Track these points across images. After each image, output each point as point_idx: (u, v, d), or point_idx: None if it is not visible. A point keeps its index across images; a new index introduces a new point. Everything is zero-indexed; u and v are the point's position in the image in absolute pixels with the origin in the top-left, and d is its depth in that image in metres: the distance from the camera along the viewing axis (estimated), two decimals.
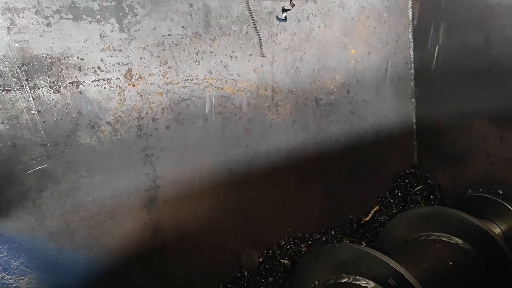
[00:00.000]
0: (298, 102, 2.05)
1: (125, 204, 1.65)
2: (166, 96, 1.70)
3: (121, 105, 1.60)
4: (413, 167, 2.54)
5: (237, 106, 1.87)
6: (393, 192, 2.44)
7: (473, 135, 2.25)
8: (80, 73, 1.51)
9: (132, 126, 1.63)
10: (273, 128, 1.99)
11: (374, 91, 2.32)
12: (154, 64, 1.66)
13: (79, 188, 1.55)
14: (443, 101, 2.35)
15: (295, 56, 2.01)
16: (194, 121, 1.77)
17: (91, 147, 1.56)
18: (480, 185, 2.26)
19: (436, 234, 2.03)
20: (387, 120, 2.39)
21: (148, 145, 1.68)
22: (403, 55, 2.40)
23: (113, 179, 1.61)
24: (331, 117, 2.17)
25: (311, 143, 2.12)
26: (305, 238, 2.12)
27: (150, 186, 1.70)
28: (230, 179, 1.89)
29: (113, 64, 1.57)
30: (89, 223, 1.58)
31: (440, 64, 2.32)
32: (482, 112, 2.19)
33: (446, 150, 2.40)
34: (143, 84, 1.64)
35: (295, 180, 2.10)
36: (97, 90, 1.55)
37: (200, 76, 1.77)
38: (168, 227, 1.76)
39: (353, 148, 2.28)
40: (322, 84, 2.11)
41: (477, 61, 2.15)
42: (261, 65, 1.92)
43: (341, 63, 2.16)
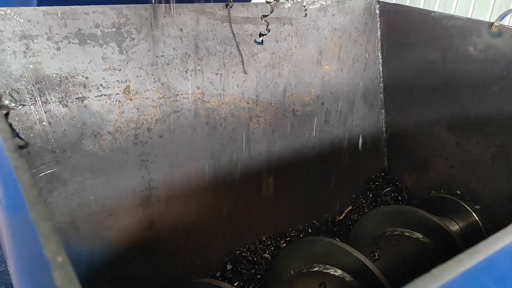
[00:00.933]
0: (277, 113, 2.31)
1: (123, 203, 1.89)
2: (159, 109, 1.95)
3: (120, 117, 1.85)
4: (383, 170, 2.80)
5: (222, 117, 2.13)
6: (365, 194, 2.69)
7: (434, 141, 2.51)
8: (85, 89, 1.76)
9: (130, 135, 1.88)
10: (254, 136, 2.24)
11: (347, 102, 2.58)
12: (148, 81, 1.91)
13: (83, 189, 1.79)
14: (408, 111, 2.62)
15: (274, 72, 2.27)
16: (184, 131, 2.02)
17: (94, 153, 1.80)
18: (442, 186, 2.52)
19: (400, 230, 2.28)
20: (359, 129, 2.66)
21: (143, 152, 1.92)
22: (373, 70, 2.67)
23: (113, 181, 1.85)
24: (307, 126, 2.43)
25: (289, 149, 2.38)
26: (285, 234, 2.36)
27: (145, 187, 1.94)
28: (216, 181, 2.14)
29: (113, 82, 1.82)
30: (92, 219, 1.82)
31: (406, 77, 2.59)
32: (441, 121, 2.45)
33: (412, 155, 2.66)
34: (140, 98, 1.89)
35: (274, 183, 2.35)
36: (99, 104, 1.80)
37: (189, 91, 2.02)
38: (161, 223, 1.99)
39: (327, 154, 2.54)
40: (298, 97, 2.37)
41: (435, 75, 2.42)
42: (243, 81, 2.18)
43: (316, 78, 2.43)
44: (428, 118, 2.51)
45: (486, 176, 2.31)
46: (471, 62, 2.26)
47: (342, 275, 1.93)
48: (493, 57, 2.17)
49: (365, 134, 2.69)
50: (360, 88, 2.63)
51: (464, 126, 2.36)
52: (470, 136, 2.34)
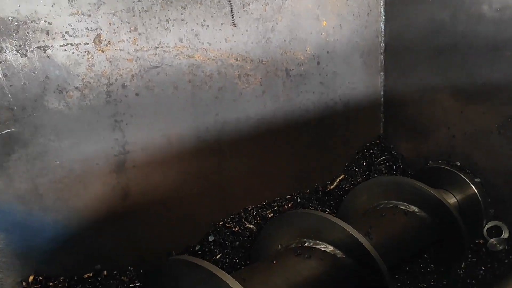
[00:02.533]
0: (268, 72, 2.08)
1: (94, 169, 1.68)
2: (136, 63, 1.71)
3: (90, 71, 1.61)
4: (378, 138, 2.63)
5: (208, 75, 1.90)
6: (359, 162, 2.53)
7: (435, 108, 2.34)
8: (48, 37, 1.50)
9: (101, 92, 1.65)
10: (243, 97, 2.03)
11: (344, 63, 2.36)
12: (123, 30, 1.66)
13: (47, 152, 1.57)
14: (410, 74, 2.43)
15: (267, 26, 2.03)
16: (164, 89, 1.79)
17: (60, 111, 1.57)
18: (440, 157, 2.38)
19: (394, 203, 2.14)
20: (355, 92, 2.46)
21: (117, 111, 1.70)
22: (374, 28, 2.44)
23: (82, 144, 1.63)
24: (301, 87, 2.22)
25: (280, 113, 2.17)
26: (271, 204, 2.20)
27: (120, 152, 1.73)
28: (199, 146, 1.94)
29: (81, 29, 1.57)
30: (58, 186, 1.61)
31: (409, 38, 2.38)
32: (445, 87, 2.27)
33: (410, 123, 2.49)
34: (113, 50, 1.64)
35: (263, 149, 2.16)
36: (65, 55, 1.55)
37: (171, 44, 1.77)
38: (137, 191, 1.80)
39: (321, 119, 2.35)
40: (293, 55, 2.15)
41: (443, 37, 2.21)
42: (232, 34, 1.93)
43: (313, 35, 2.19)
44: (431, 83, 2.32)
45: (490, 148, 2.16)
46: (484, 23, 2.06)
47: (334, 251, 1.79)
48: (509, 18, 1.97)
49: (361, 98, 2.49)
50: (360, 47, 2.40)
51: (470, 94, 2.18)
52: (476, 105, 2.17)
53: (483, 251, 2.18)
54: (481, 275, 2.06)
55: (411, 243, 2.08)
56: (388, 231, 2.02)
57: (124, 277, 1.78)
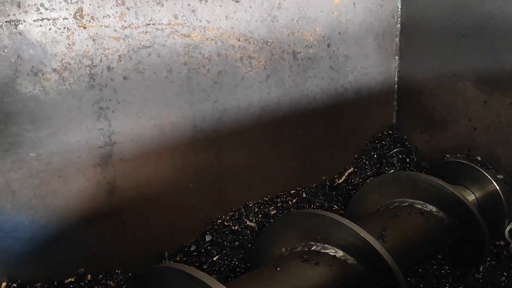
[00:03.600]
0: (273, 55, 1.87)
1: (75, 162, 1.48)
2: (124, 42, 1.50)
3: (70, 50, 1.40)
4: (391, 128, 2.43)
5: (206, 57, 1.69)
6: (369, 154, 2.34)
7: (456, 97, 2.13)
8: (20, 10, 1.29)
9: (83, 75, 1.44)
10: (245, 82, 1.82)
11: (357, 45, 2.15)
12: (109, 3, 1.44)
13: (21, 143, 1.37)
14: (428, 59, 2.21)
15: (273, 3, 1.81)
16: (156, 72, 1.58)
17: (35, 97, 1.37)
18: (459, 150, 2.18)
19: (410, 201, 1.95)
20: (368, 78, 2.25)
21: (102, 97, 1.49)
22: (390, 7, 2.22)
23: (62, 133, 1.44)
24: (309, 72, 2.01)
25: (286, 100, 1.97)
26: (274, 200, 2.01)
27: (105, 143, 1.53)
28: (196, 137, 1.74)
29: (60, 1, 1.35)
30: (34, 181, 1.42)
31: (428, 19, 2.16)
32: (468, 74, 2.06)
33: (427, 112, 2.29)
34: (96, 26, 1.43)
35: (266, 139, 1.96)
36: (40, 32, 1.34)
37: (164, 21, 1.56)
38: (125, 187, 1.61)
39: (330, 107, 2.14)
40: (301, 36, 1.93)
41: (467, 18, 1.99)
42: (234, 11, 1.72)
43: (323, 13, 1.97)
44: (452, 69, 2.11)
45: None
46: None
47: (344, 256, 1.60)
48: None
49: (374, 85, 2.28)
50: (374, 28, 2.19)
51: (496, 82, 1.97)
52: (503, 95, 1.96)
53: (504, 254, 2.00)
54: (503, 282, 1.89)
55: (427, 245, 1.90)
56: (403, 233, 1.83)
57: (111, 281, 1.61)
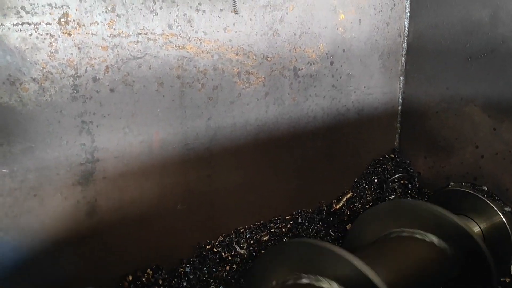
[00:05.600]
0: (273, 71, 1.76)
1: (53, 179, 1.36)
2: (112, 52, 1.38)
3: (52, 59, 1.28)
4: (393, 151, 2.32)
5: (201, 70, 1.57)
6: (369, 178, 2.22)
7: (463, 122, 2.03)
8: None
9: (66, 86, 1.32)
10: (242, 99, 1.71)
11: (361, 64, 2.04)
12: (98, 9, 1.33)
13: None
14: (435, 81, 2.11)
15: (275, 16, 1.70)
16: (146, 85, 1.47)
17: (10, 108, 1.25)
18: (464, 178, 2.07)
19: (410, 231, 1.83)
20: (371, 98, 2.14)
21: (86, 110, 1.37)
22: (397, 26, 2.12)
23: (39, 149, 1.31)
24: (310, 90, 1.90)
25: (285, 119, 1.85)
26: (267, 225, 1.89)
27: (87, 160, 1.41)
28: (186, 155, 1.62)
29: (43, 5, 1.24)
30: (6, 200, 1.30)
31: (437, 40, 2.06)
32: (477, 99, 1.96)
33: (431, 136, 2.18)
34: (83, 34, 1.32)
35: (262, 159, 1.84)
36: (20, 37, 1.22)
37: (157, 31, 1.45)
38: (107, 207, 1.48)
39: (331, 127, 2.03)
40: (303, 52, 1.82)
41: (479, 40, 1.89)
42: (233, 23, 1.61)
43: (327, 29, 1.87)
44: (460, 93, 2.01)
45: None
46: None
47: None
48: None
49: (377, 105, 2.18)
50: (379, 47, 2.08)
51: (507, 109, 1.87)
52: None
53: None
54: None
55: (429, 278, 1.78)
56: (403, 265, 1.71)
57: None
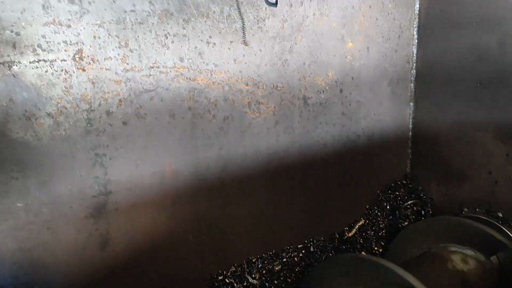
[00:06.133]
0: (283, 100, 1.78)
1: (66, 212, 1.37)
2: (125, 86, 1.41)
3: (67, 94, 1.31)
4: (405, 178, 2.30)
5: (212, 101, 1.59)
6: (381, 205, 2.20)
7: (475, 149, 2.01)
8: (15, 51, 1.21)
9: (80, 120, 1.34)
10: (252, 129, 1.72)
11: (370, 91, 2.05)
12: (111, 45, 1.36)
13: (8, 192, 1.27)
14: (445, 108, 2.11)
15: (284, 46, 1.73)
16: (158, 117, 1.49)
17: (26, 143, 1.27)
18: (478, 204, 2.04)
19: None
20: (381, 125, 2.14)
21: (99, 143, 1.39)
22: (405, 53, 2.13)
23: (53, 182, 1.33)
24: (320, 118, 1.91)
25: (295, 147, 1.86)
26: (279, 255, 1.87)
27: (100, 192, 1.42)
28: (198, 186, 1.62)
29: (58, 43, 1.27)
30: (20, 234, 1.30)
31: (446, 66, 2.07)
32: (488, 125, 1.95)
33: (443, 162, 2.16)
34: (97, 69, 1.35)
35: (273, 188, 1.84)
36: (36, 74, 1.25)
37: (169, 64, 1.48)
38: (119, 239, 1.49)
39: (341, 154, 2.03)
40: (312, 80, 1.84)
41: (488, 67, 1.90)
42: (243, 54, 1.63)
43: (336, 58, 1.89)
44: (471, 119, 2.00)
45: None
46: None
47: None
48: None
49: (387, 132, 2.17)
50: (388, 74, 2.10)
51: None
52: None
53: None
54: None
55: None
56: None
57: None
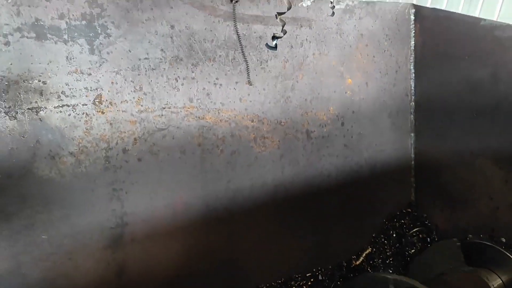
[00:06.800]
0: (287, 134, 1.90)
1: (86, 243, 1.48)
2: (140, 125, 1.54)
3: (88, 134, 1.45)
4: (409, 206, 2.37)
5: (220, 138, 1.72)
6: (387, 233, 2.26)
7: (476, 175, 2.08)
8: (42, 98, 1.36)
9: (99, 158, 1.48)
10: (258, 162, 1.83)
11: (371, 123, 2.16)
12: (127, 89, 1.51)
13: (34, 225, 1.39)
14: (445, 137, 2.20)
15: (286, 85, 1.86)
16: (170, 153, 1.61)
17: (50, 179, 1.40)
18: (481, 230, 2.09)
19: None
20: (383, 155, 2.23)
21: (116, 179, 1.52)
22: (403, 86, 2.25)
23: (74, 215, 1.45)
24: (323, 151, 2.01)
25: (300, 178, 1.96)
26: (288, 283, 1.94)
27: (117, 224, 1.53)
28: (208, 217, 1.73)
29: (80, 89, 1.42)
30: (44, 264, 1.42)
31: (443, 98, 2.17)
32: (487, 152, 2.02)
33: (446, 190, 2.23)
34: (114, 111, 1.49)
35: (280, 219, 1.93)
36: (60, 117, 1.40)
37: (179, 104, 1.61)
38: (135, 268, 1.59)
39: (345, 184, 2.12)
40: (314, 115, 1.96)
41: (482, 97, 1.99)
42: (248, 93, 1.77)
43: (336, 93, 2.01)
44: (470, 147, 2.08)
45: None
46: None
47: None
48: None
49: (390, 162, 2.26)
50: (388, 106, 2.20)
51: None
52: None
53: None
54: None
55: None
56: None
57: None
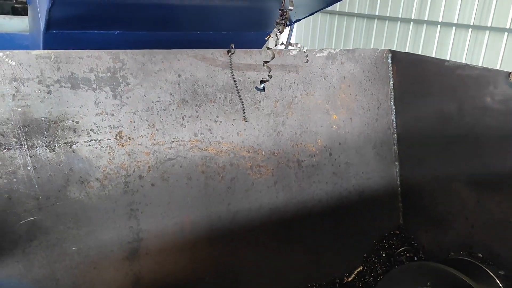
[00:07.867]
0: (280, 163, 2.19)
1: (108, 255, 1.77)
2: (153, 156, 1.86)
3: (110, 163, 1.77)
4: (398, 228, 2.60)
5: (220, 166, 2.02)
6: (378, 253, 2.49)
7: (452, 198, 2.32)
8: (75, 134, 1.70)
9: (120, 183, 1.79)
10: (255, 187, 2.12)
11: (357, 154, 2.44)
12: (143, 126, 1.84)
13: (66, 239, 1.69)
14: (425, 164, 2.45)
15: (278, 121, 2.18)
16: (178, 179, 1.92)
17: (80, 201, 1.71)
18: (461, 248, 2.30)
19: None
20: (370, 182, 2.50)
21: (134, 201, 1.82)
22: (385, 120, 2.54)
23: (98, 231, 1.75)
24: (313, 178, 2.29)
25: (293, 202, 2.23)
26: None
27: (134, 239, 1.82)
28: (212, 234, 2.00)
29: (105, 127, 1.76)
30: (74, 272, 1.70)
31: (421, 129, 2.45)
32: (460, 177, 2.27)
33: (430, 212, 2.46)
34: (132, 144, 1.82)
35: (276, 238, 2.19)
36: (89, 150, 1.73)
37: (186, 138, 1.93)
38: (149, 278, 1.86)
39: (336, 208, 2.37)
40: (304, 147, 2.26)
41: (452, 128, 2.26)
42: (244, 128, 2.08)
43: (323, 128, 2.32)
44: (445, 172, 2.34)
45: (511, 238, 2.08)
46: (490, 114, 2.11)
47: None
48: None
49: (377, 188, 2.52)
50: (372, 139, 2.49)
51: (484, 183, 2.17)
52: (492, 194, 2.14)
53: None
54: None
55: None
56: None
57: None
